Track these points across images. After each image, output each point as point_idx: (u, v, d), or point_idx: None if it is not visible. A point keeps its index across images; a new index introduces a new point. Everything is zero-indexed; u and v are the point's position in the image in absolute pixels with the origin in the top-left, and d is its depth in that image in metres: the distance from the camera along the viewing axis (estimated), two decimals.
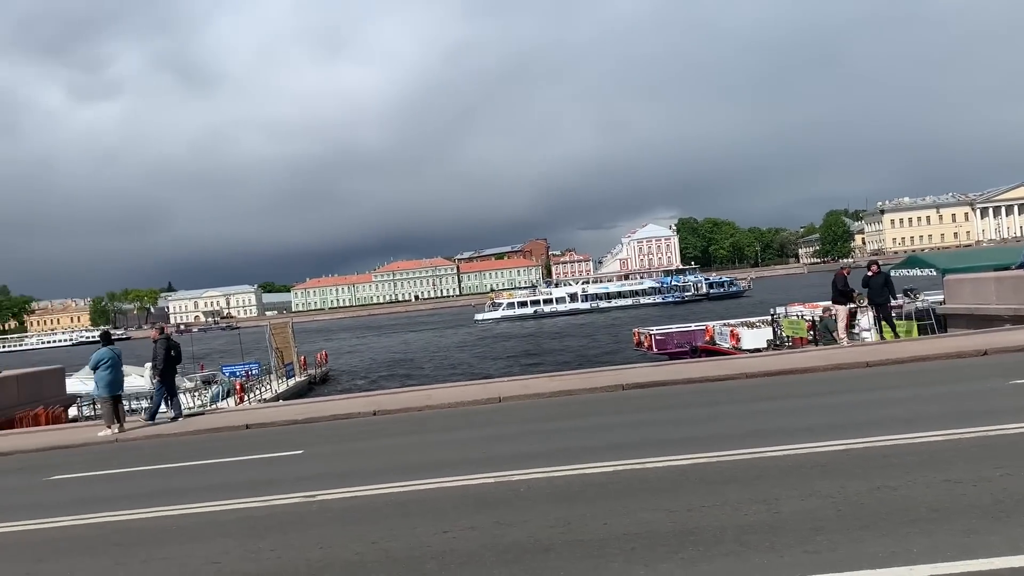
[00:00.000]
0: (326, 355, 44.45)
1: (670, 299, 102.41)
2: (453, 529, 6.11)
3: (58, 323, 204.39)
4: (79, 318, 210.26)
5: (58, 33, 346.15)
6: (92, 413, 21.53)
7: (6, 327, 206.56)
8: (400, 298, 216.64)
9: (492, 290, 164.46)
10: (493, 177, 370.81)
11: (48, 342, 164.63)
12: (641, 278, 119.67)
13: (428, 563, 5.41)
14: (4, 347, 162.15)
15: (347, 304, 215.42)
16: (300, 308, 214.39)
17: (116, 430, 13.99)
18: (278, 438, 12.04)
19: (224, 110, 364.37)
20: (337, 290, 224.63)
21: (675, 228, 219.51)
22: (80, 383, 23.81)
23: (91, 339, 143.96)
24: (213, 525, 7.05)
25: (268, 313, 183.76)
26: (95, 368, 14.67)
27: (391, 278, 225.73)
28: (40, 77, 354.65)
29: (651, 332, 32.21)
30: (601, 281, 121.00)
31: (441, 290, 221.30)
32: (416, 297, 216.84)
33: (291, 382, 33.93)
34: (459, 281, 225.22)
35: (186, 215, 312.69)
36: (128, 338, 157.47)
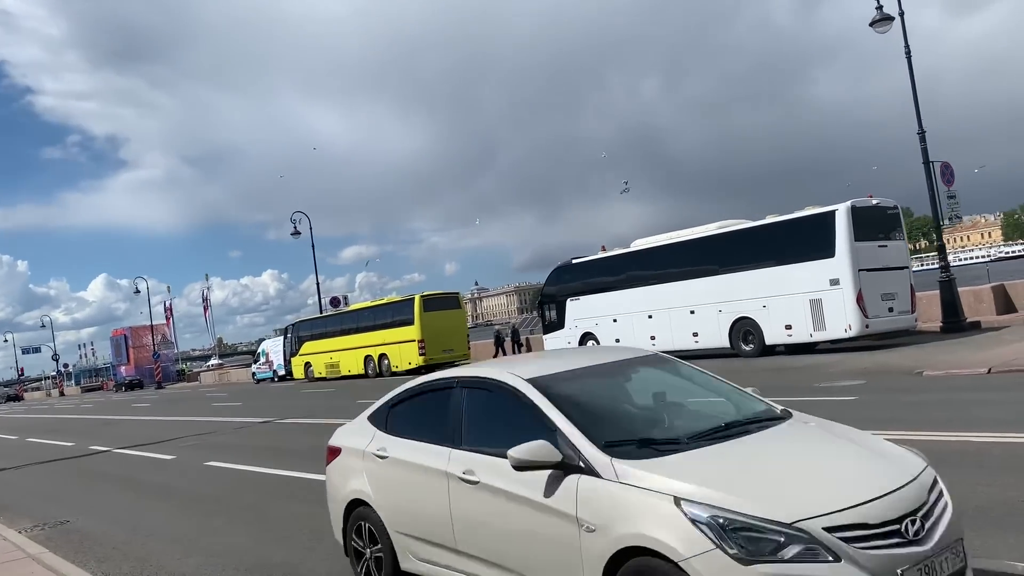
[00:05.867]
0: None
1: None
2: None
3: (968, 240, 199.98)
4: (989, 234, 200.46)
5: None
6: None
7: (916, 247, 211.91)
8: None
9: None
10: None
11: (962, 259, 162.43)
12: None
13: None
14: (921, 266, 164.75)
15: None
16: None
17: None
18: None
19: None
20: None
21: None
22: None
23: (1009, 255, 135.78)
24: None
25: None
26: None
27: None
28: (915, 2, 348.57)
29: None
30: None
31: None
32: None
33: None
34: None
35: None
36: None
